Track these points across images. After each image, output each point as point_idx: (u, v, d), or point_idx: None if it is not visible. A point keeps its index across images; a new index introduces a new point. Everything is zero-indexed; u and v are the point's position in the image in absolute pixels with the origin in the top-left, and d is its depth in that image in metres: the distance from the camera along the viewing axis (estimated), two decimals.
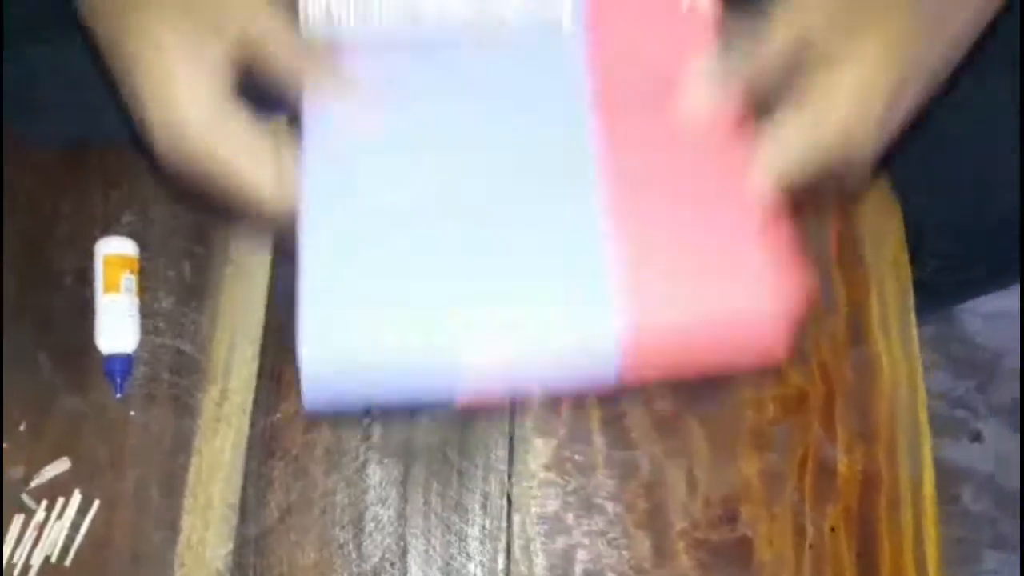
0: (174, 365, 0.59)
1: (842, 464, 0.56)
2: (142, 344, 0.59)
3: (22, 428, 0.57)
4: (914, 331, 0.59)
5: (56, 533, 0.54)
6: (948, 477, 1.07)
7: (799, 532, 0.54)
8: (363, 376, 0.33)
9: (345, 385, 0.34)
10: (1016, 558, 1.04)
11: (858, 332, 0.59)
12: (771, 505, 0.55)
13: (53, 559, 0.54)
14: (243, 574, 0.54)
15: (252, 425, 0.57)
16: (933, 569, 0.53)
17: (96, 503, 0.55)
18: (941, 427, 1.08)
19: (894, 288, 0.60)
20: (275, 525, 0.55)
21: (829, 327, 0.59)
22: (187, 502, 0.56)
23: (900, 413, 0.57)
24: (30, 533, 0.54)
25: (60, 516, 0.55)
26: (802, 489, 0.55)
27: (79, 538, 0.54)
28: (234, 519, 0.55)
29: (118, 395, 0.57)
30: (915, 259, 0.61)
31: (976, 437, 1.12)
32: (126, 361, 0.57)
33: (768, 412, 0.57)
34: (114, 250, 0.60)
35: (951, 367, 1.17)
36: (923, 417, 0.57)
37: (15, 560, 0.54)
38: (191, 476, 0.56)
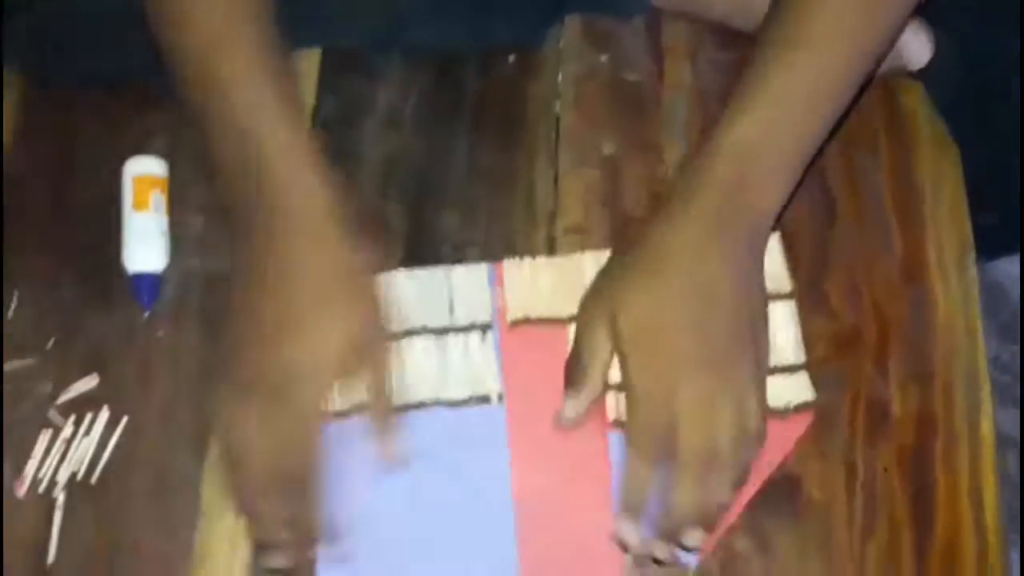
0: (204, 286, 0.57)
1: (896, 404, 0.53)
2: (171, 265, 0.57)
3: (50, 345, 0.56)
4: (973, 273, 0.56)
5: (83, 450, 0.53)
6: None
7: (850, 472, 0.52)
8: None
9: None
10: None
11: (914, 273, 0.56)
12: (821, 444, 0.52)
13: (79, 476, 0.53)
14: None
15: None
16: (991, 513, 0.51)
17: (124, 420, 0.54)
18: None
19: (951, 232, 0.57)
20: None
21: (884, 267, 0.56)
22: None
23: (957, 354, 0.54)
24: (57, 449, 0.53)
25: (88, 433, 0.54)
26: (854, 429, 0.53)
27: (106, 455, 0.53)
28: None
29: (146, 313, 0.56)
30: (970, 210, 0.58)
31: (1020, 404, 1.09)
32: (154, 279, 0.56)
33: (819, 350, 0.54)
34: (144, 169, 0.58)
35: (997, 332, 1.13)
36: (982, 361, 0.54)
37: (41, 476, 0.53)
38: None
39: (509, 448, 0.52)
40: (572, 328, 0.53)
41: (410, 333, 0.54)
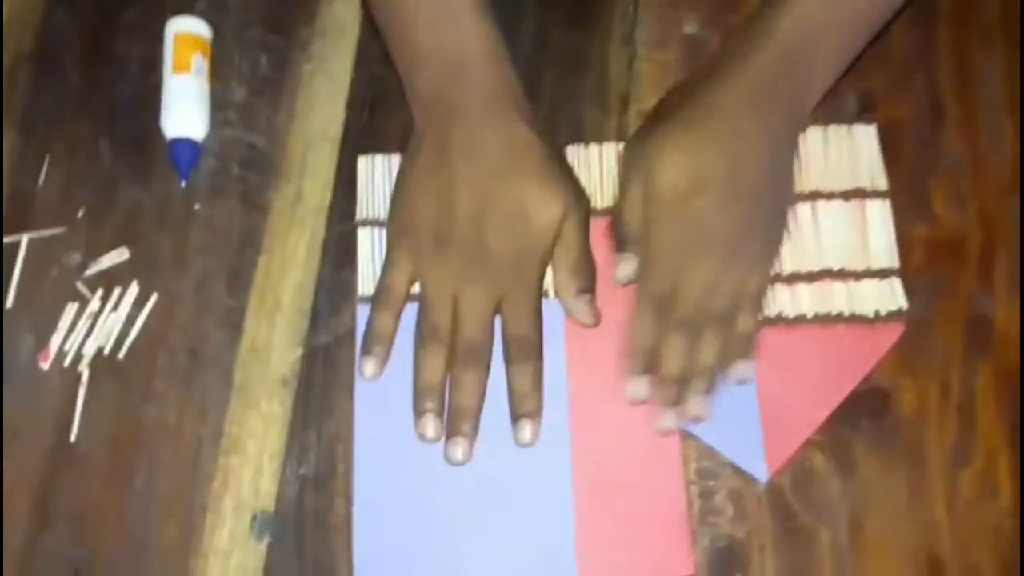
0: (245, 159, 0.53)
1: (999, 320, 0.48)
2: (211, 135, 0.53)
3: (81, 214, 0.52)
4: None
5: (111, 324, 0.50)
6: None
7: (944, 391, 0.47)
8: None
9: None
10: None
11: None
12: (913, 358, 0.47)
13: (106, 351, 0.50)
14: (309, 384, 0.49)
15: (328, 229, 0.52)
16: None
17: (154, 296, 0.50)
18: None
19: None
20: (348, 335, 0.50)
21: (993, 172, 0.51)
22: (253, 302, 0.50)
23: None
24: (84, 322, 0.50)
25: (116, 307, 0.50)
26: (950, 344, 0.48)
27: (134, 331, 0.50)
28: (304, 325, 0.50)
29: (183, 182, 0.52)
30: None
31: None
32: (193, 147, 0.52)
33: (916, 256, 0.49)
34: (186, 29, 0.54)
35: None
36: None
37: (66, 349, 0.49)
38: (258, 275, 0.51)
39: (565, 340, 0.48)
40: None
41: None
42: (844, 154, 0.50)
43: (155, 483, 0.48)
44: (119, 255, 0.51)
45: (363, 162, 0.52)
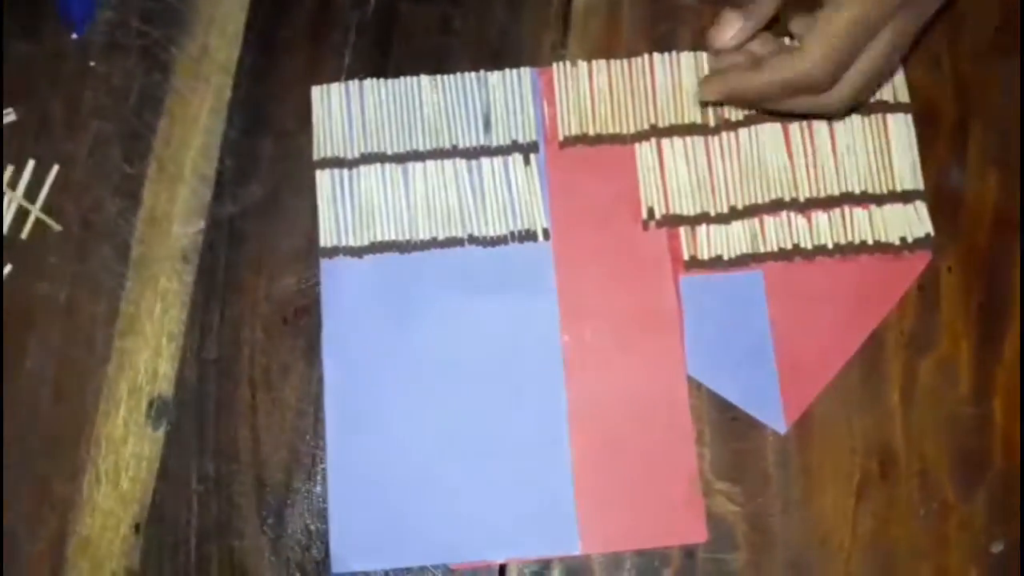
0: (146, 11, 0.47)
1: (970, 193, 0.44)
2: None
3: None
4: None
5: (9, 201, 0.45)
6: None
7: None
8: (383, 563, 0.42)
9: (369, 566, 0.42)
10: None
11: (1009, 40, 0.45)
12: None
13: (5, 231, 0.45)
14: (213, 258, 0.44)
15: (236, 89, 0.46)
16: None
17: (55, 168, 0.45)
18: None
19: None
20: (256, 207, 0.45)
21: (972, 30, 0.46)
22: (152, 170, 0.46)
23: None
24: None
25: (13, 187, 0.45)
26: None
27: (35, 209, 0.45)
28: (207, 195, 0.45)
29: (75, 35, 0.46)
30: None
31: None
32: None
33: None
34: None
35: None
36: None
37: None
38: (158, 140, 0.46)
39: (556, 290, 0.43)
40: (639, 147, 0.44)
41: (436, 155, 0.44)
42: None
43: (45, 366, 0.43)
44: (5, 116, 0.46)
45: (317, 93, 0.46)
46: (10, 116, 0.46)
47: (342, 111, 0.45)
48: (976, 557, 0.40)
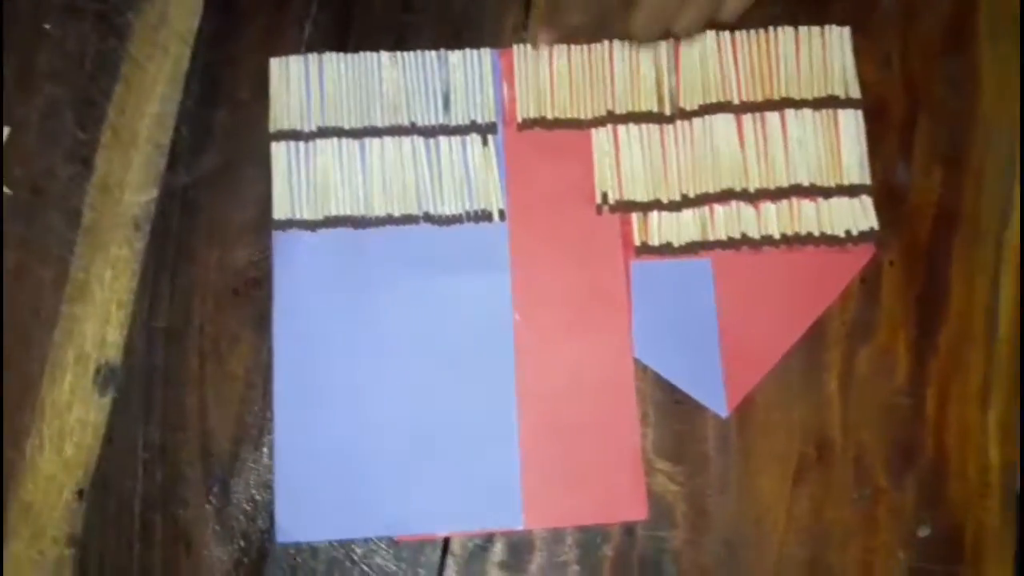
0: None
1: (915, 190, 0.45)
2: None
3: None
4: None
5: None
6: None
7: None
8: (328, 534, 0.42)
9: (313, 536, 0.42)
10: None
11: (959, 40, 0.47)
12: None
13: None
14: (164, 227, 0.44)
15: (193, 58, 0.46)
16: (1007, 326, 0.43)
17: (6, 131, 0.45)
18: None
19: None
20: (210, 177, 0.45)
21: (923, 28, 0.47)
22: (106, 136, 0.45)
23: (997, 139, 0.45)
24: None
25: None
26: None
27: None
28: (161, 164, 0.45)
29: None
30: None
31: None
32: None
33: None
34: None
35: None
36: (1017, 150, 0.45)
37: None
38: (113, 107, 0.45)
39: (511, 271, 0.44)
40: (596, 132, 0.44)
41: (394, 132, 0.44)
42: (816, 58, 0.45)
43: None
44: None
45: (276, 65, 0.45)
46: None
47: (300, 84, 0.45)
48: (903, 540, 0.42)
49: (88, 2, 0.46)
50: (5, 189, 0.44)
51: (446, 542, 0.42)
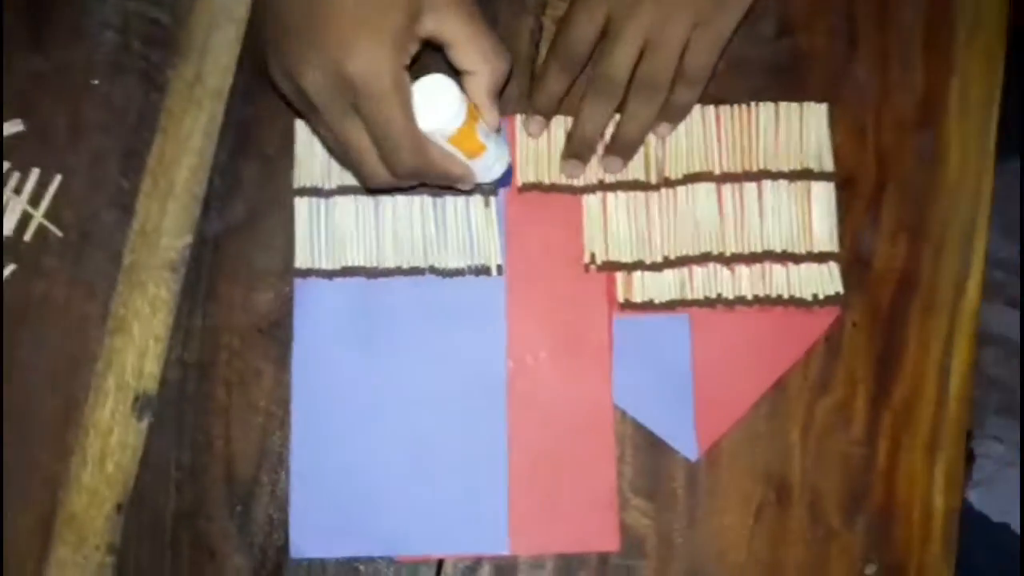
0: (147, 35, 0.51)
1: (880, 257, 0.49)
2: (112, 7, 0.51)
3: None
4: (994, 125, 0.50)
5: (13, 206, 0.49)
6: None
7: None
8: (336, 551, 0.47)
9: (323, 553, 0.47)
10: (1017, 425, 0.99)
11: (929, 119, 0.50)
12: None
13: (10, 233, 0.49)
14: (197, 270, 0.49)
15: (227, 114, 0.51)
16: (957, 385, 0.47)
17: (57, 178, 0.50)
18: None
19: (982, 74, 0.50)
20: (239, 226, 0.50)
21: (896, 102, 0.50)
22: (146, 185, 0.50)
23: (958, 212, 0.49)
24: None
25: (18, 191, 0.50)
26: None
27: (37, 215, 0.49)
28: (196, 212, 0.50)
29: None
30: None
31: (1012, 303, 1.05)
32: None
33: None
34: None
35: (1001, 228, 1.08)
36: (983, 221, 0.49)
37: None
38: (152, 158, 0.50)
39: (506, 321, 0.48)
40: (587, 198, 0.49)
41: (405, 191, 0.49)
42: (794, 132, 0.49)
43: (40, 358, 0.48)
44: (13, 126, 0.50)
45: (301, 127, 0.50)
46: (18, 126, 0.50)
47: (322, 145, 0.49)
48: None
49: (133, 60, 0.51)
50: (56, 231, 0.49)
51: (440, 563, 0.47)
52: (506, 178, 0.48)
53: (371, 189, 0.45)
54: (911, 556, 0.46)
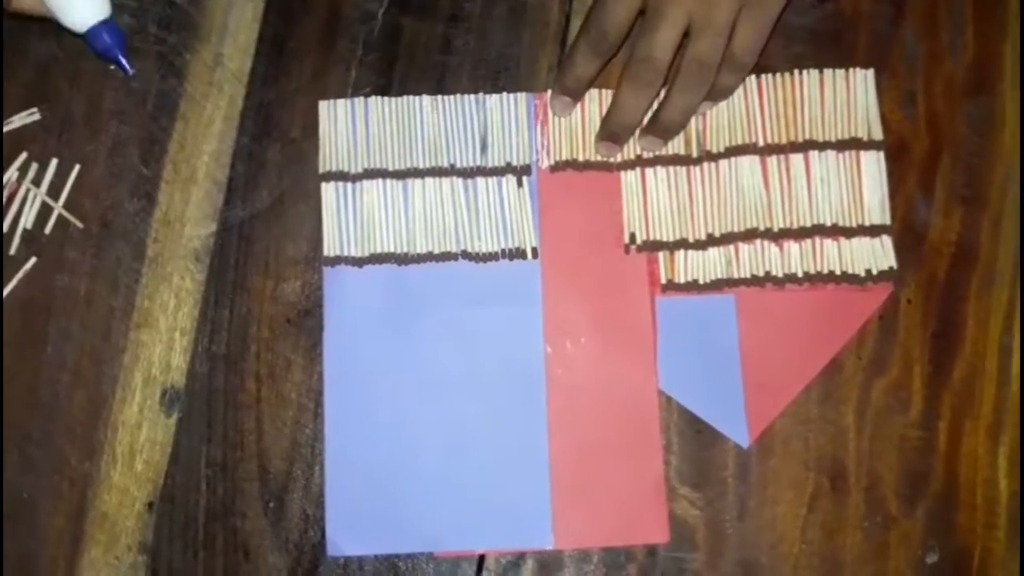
0: (163, 18, 0.50)
1: (934, 229, 0.46)
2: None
3: None
4: None
5: (31, 199, 0.48)
6: None
7: None
8: (374, 548, 0.46)
9: (361, 551, 0.46)
10: None
11: (982, 84, 0.48)
12: None
13: (30, 226, 0.48)
14: (223, 259, 0.48)
15: (247, 97, 0.49)
16: (1019, 363, 0.45)
17: (76, 168, 0.48)
18: None
19: None
20: (264, 212, 0.48)
21: (947, 69, 0.48)
22: (167, 172, 0.48)
23: (1016, 180, 0.47)
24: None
25: (37, 183, 0.48)
26: None
27: (57, 207, 0.48)
28: (219, 199, 0.48)
29: (130, 73, 0.49)
30: None
31: None
32: (112, 30, 0.47)
33: None
34: None
35: None
36: None
37: None
38: (173, 144, 0.49)
39: (542, 305, 0.46)
40: (625, 175, 0.47)
41: (435, 173, 0.47)
42: (840, 100, 0.47)
43: (65, 353, 0.47)
44: (29, 116, 0.49)
45: (324, 108, 0.48)
46: (34, 116, 0.49)
47: (347, 127, 0.48)
48: (912, 567, 0.44)
49: (149, 44, 0.49)
50: (77, 222, 0.48)
51: (481, 559, 0.45)
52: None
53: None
54: (975, 542, 0.44)
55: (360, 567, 0.45)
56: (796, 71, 0.47)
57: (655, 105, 0.46)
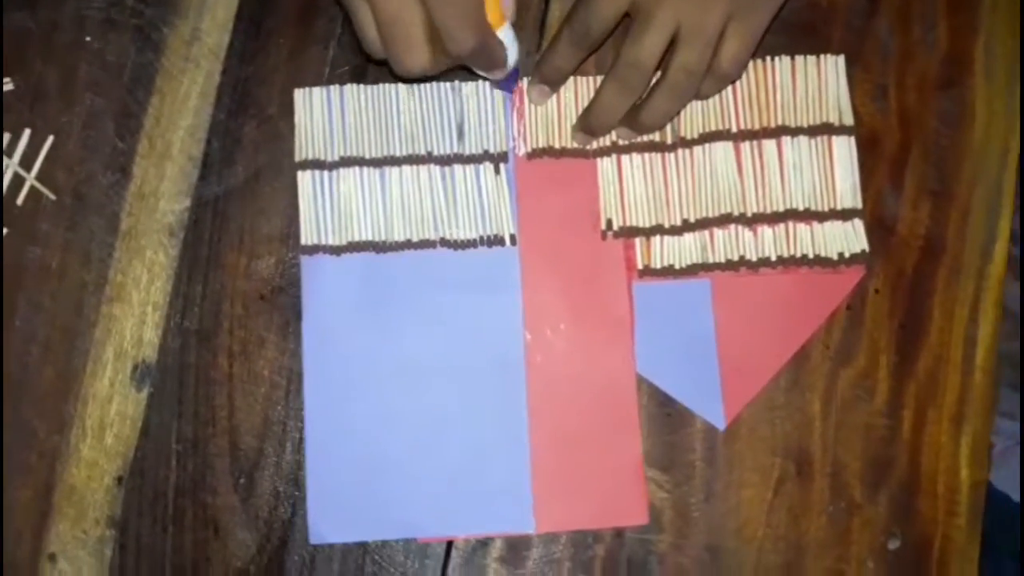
0: None
1: (903, 222, 0.47)
2: None
3: None
4: (1019, 85, 0.49)
5: (4, 169, 0.48)
6: None
7: None
8: (356, 535, 0.46)
9: (343, 538, 0.46)
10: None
11: (954, 78, 0.48)
12: None
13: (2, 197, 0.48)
14: (197, 235, 0.47)
15: (224, 73, 0.49)
16: (983, 354, 0.46)
17: (50, 139, 0.48)
18: None
19: (1008, 33, 0.48)
20: (239, 189, 0.48)
21: (919, 62, 0.48)
22: (142, 146, 0.48)
23: (985, 174, 0.47)
24: None
25: (9, 154, 0.48)
26: None
27: (33, 174, 0.47)
28: (194, 174, 0.48)
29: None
30: None
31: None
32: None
33: None
34: None
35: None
36: (1009, 185, 0.48)
37: None
38: (148, 118, 0.48)
39: (521, 292, 0.46)
40: (601, 162, 0.47)
41: (412, 161, 0.47)
42: (812, 86, 0.47)
43: (36, 325, 0.47)
44: (3, 85, 0.48)
45: (300, 96, 0.48)
46: (8, 85, 0.48)
47: (323, 115, 0.48)
48: (875, 552, 0.45)
49: (126, 16, 0.49)
50: (49, 194, 0.48)
51: (450, 541, 0.46)
52: (514, 76, 0.45)
53: (401, 78, 0.41)
54: (936, 530, 0.45)
55: (330, 545, 0.45)
56: (768, 58, 0.48)
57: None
